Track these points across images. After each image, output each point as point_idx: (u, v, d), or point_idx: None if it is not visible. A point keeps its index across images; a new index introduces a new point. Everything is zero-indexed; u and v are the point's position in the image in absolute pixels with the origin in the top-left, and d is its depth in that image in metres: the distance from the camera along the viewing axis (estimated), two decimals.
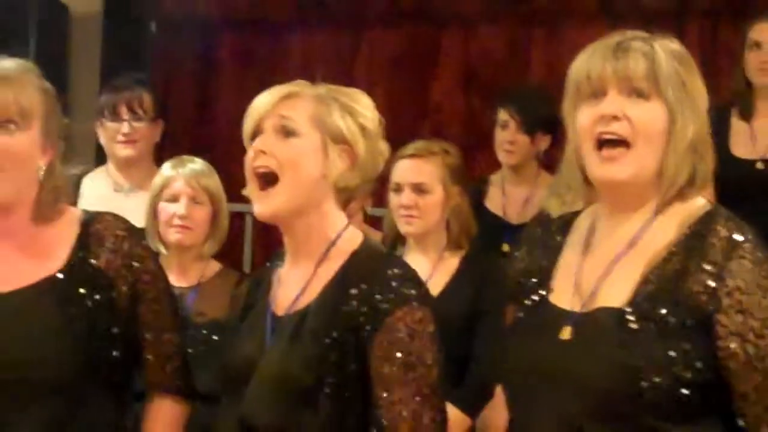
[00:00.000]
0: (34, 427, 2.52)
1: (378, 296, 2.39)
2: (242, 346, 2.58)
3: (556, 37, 6.31)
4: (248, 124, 2.52)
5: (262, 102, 2.51)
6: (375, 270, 2.45)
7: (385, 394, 2.37)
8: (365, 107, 2.57)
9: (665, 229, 2.22)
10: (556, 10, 6.27)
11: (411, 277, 2.46)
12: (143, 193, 4.14)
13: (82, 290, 2.57)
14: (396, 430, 2.36)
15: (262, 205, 2.48)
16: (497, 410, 3.92)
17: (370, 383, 2.39)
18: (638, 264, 2.20)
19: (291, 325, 2.47)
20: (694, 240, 2.17)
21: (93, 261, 2.61)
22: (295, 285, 2.55)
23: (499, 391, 3.85)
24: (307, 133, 2.48)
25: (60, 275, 2.58)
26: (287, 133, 2.48)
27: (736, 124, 4.58)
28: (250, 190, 2.51)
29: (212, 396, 2.77)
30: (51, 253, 2.62)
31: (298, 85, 2.56)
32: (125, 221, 2.71)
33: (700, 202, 2.24)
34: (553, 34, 6.36)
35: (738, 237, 2.14)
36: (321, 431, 2.40)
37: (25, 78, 2.60)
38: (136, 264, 2.64)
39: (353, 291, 2.42)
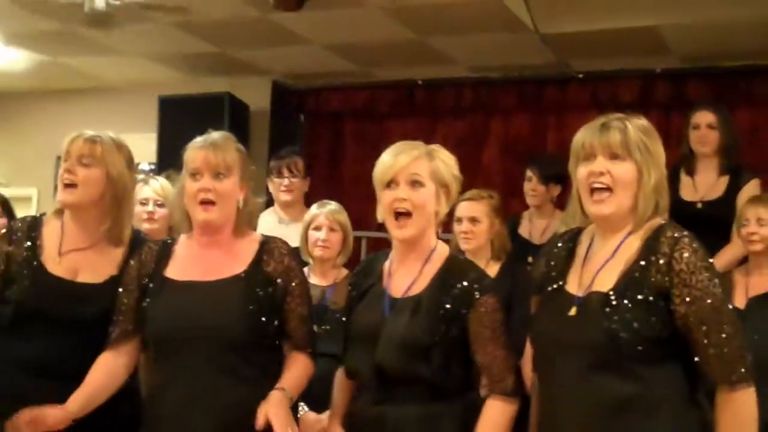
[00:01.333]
0: (217, 371, 2.52)
1: (469, 287, 2.44)
2: (366, 317, 2.56)
3: (563, 121, 6.25)
4: (386, 176, 2.51)
5: (399, 161, 2.50)
6: (464, 270, 2.50)
7: (482, 346, 2.42)
8: (452, 160, 2.59)
9: (636, 242, 2.22)
10: (563, 104, 6.24)
11: (485, 275, 2.54)
12: (297, 224, 4.14)
13: (255, 285, 2.61)
14: (492, 364, 2.42)
15: (401, 231, 2.51)
16: (525, 367, 3.95)
17: (468, 342, 2.43)
18: (619, 264, 2.22)
19: (410, 304, 2.47)
20: (652, 242, 2.19)
21: (264, 267, 2.64)
22: (405, 278, 2.54)
23: (527, 350, 3.87)
24: (428, 184, 2.50)
25: (243, 274, 2.62)
26: (417, 184, 2.49)
27: (684, 178, 4.53)
28: (389, 221, 2.52)
29: (336, 355, 2.78)
30: (240, 259, 2.65)
31: (415, 147, 2.54)
32: (286, 244, 2.75)
33: (657, 221, 2.24)
34: (561, 119, 6.30)
35: (678, 235, 2.16)
36: (432, 375, 2.41)
37: (227, 143, 2.67)
38: (290, 272, 2.66)
39: (452, 283, 2.45)
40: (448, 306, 2.44)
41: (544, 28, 5.42)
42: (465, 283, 2.45)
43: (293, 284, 2.66)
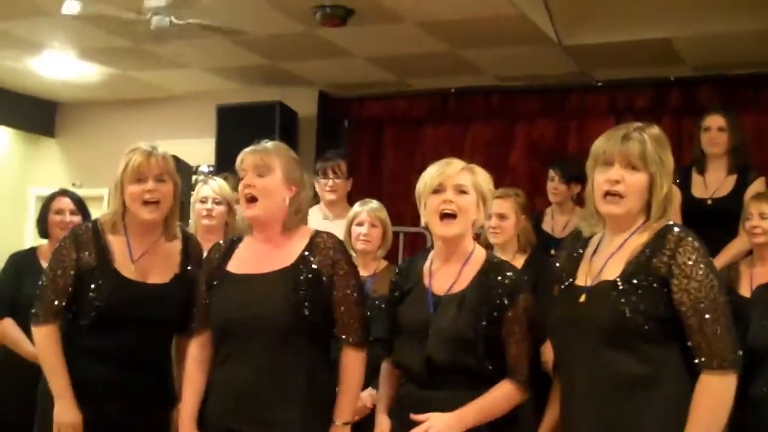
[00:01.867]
0: (264, 354, 2.55)
1: (509, 285, 2.48)
2: (412, 314, 2.57)
3: (583, 126, 6.25)
4: (435, 182, 2.53)
5: (448, 171, 2.53)
6: (503, 270, 2.53)
7: (513, 339, 2.46)
8: (488, 177, 2.61)
9: (641, 237, 2.24)
10: (583, 110, 6.23)
11: (521, 275, 2.57)
12: (341, 221, 4.13)
13: (302, 277, 2.60)
14: (518, 362, 2.45)
15: (446, 230, 2.53)
16: (548, 348, 3.96)
17: (504, 335, 2.46)
18: (625, 255, 2.24)
19: (455, 301, 2.49)
20: (658, 238, 2.21)
21: (311, 261, 2.63)
22: (447, 277, 2.56)
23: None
24: (471, 193, 2.53)
25: (289, 267, 2.61)
26: (462, 191, 2.52)
27: (695, 177, 4.50)
28: (434, 221, 2.53)
29: (380, 339, 2.73)
30: (290, 253, 2.65)
31: (460, 163, 2.56)
32: (333, 237, 2.73)
33: (663, 221, 2.25)
34: (581, 124, 6.29)
35: (683, 235, 2.19)
36: (477, 365, 2.44)
37: (270, 147, 2.69)
38: (336, 265, 2.63)
39: (493, 282, 2.49)
40: (490, 303, 2.46)
41: (567, 40, 5.42)
42: (506, 281, 2.48)
43: (339, 274, 2.62)
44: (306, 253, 2.64)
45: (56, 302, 2.79)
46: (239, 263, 2.70)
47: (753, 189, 4.28)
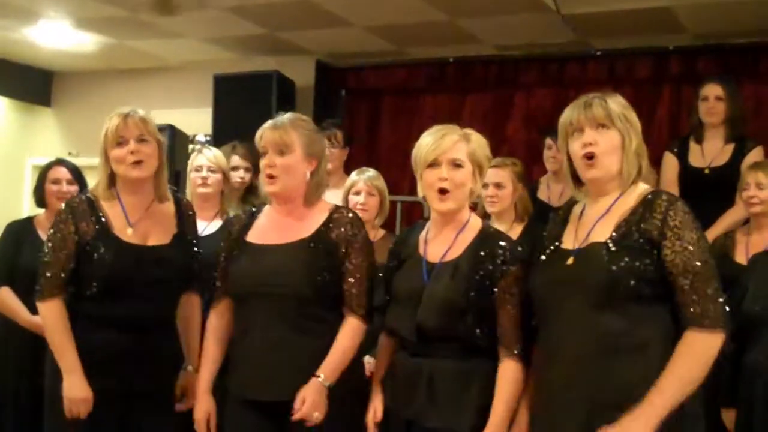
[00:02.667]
0: (281, 323, 2.61)
1: (503, 255, 2.48)
2: (406, 282, 2.60)
3: (581, 95, 6.23)
4: (430, 156, 2.52)
5: (443, 144, 2.52)
6: (498, 240, 2.54)
7: (504, 309, 2.46)
8: (484, 142, 2.61)
9: (627, 201, 2.30)
10: (582, 79, 6.19)
11: (516, 245, 2.56)
12: (337, 190, 4.16)
13: (320, 248, 2.65)
14: (510, 333, 2.45)
15: (443, 205, 2.54)
16: None
17: (496, 305, 2.47)
18: (612, 220, 2.29)
19: (449, 268, 2.51)
20: (648, 201, 2.26)
21: (329, 233, 2.68)
22: (441, 245, 2.58)
23: None
24: (467, 165, 2.53)
25: (309, 239, 2.67)
26: (457, 165, 2.51)
27: (693, 146, 4.52)
28: (431, 196, 2.55)
29: (379, 308, 2.76)
30: (309, 226, 2.71)
31: (455, 132, 2.56)
32: (351, 212, 2.80)
33: (644, 186, 2.33)
34: (580, 94, 6.17)
35: (674, 199, 2.25)
36: (468, 332, 2.45)
37: (289, 124, 2.71)
38: (351, 238, 2.68)
39: (487, 251, 2.50)
40: (482, 272, 2.47)
41: (566, 8, 5.38)
42: (499, 251, 2.49)
43: (354, 247, 2.68)
44: (325, 225, 2.71)
45: (59, 276, 2.81)
46: (259, 233, 2.75)
47: (750, 158, 4.30)
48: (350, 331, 2.67)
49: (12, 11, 6.09)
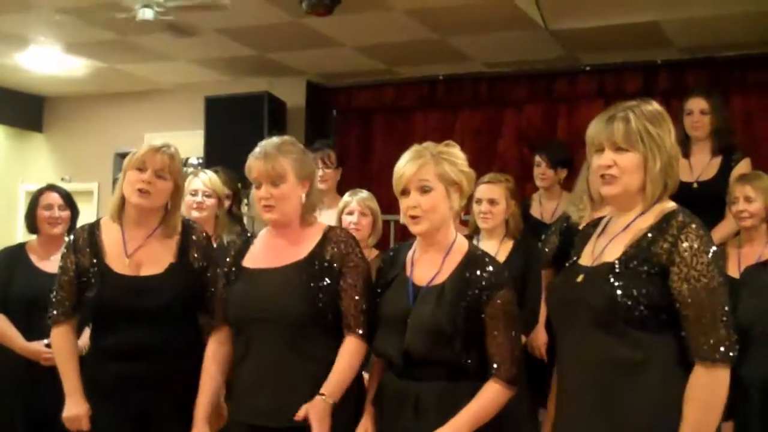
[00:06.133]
0: (280, 347, 2.58)
1: (488, 280, 2.45)
2: (392, 304, 2.56)
3: (572, 111, 6.26)
4: (398, 186, 2.51)
5: (407, 171, 2.49)
6: (484, 264, 2.49)
7: (493, 335, 2.43)
8: (461, 158, 2.55)
9: (647, 219, 2.20)
10: (572, 95, 6.24)
11: (502, 269, 2.53)
12: (331, 210, 4.18)
13: (316, 269, 2.63)
14: (498, 351, 2.43)
15: (416, 228, 2.51)
16: (540, 332, 3.98)
17: (484, 330, 2.44)
18: (627, 238, 2.21)
19: (434, 293, 2.47)
20: (662, 223, 2.16)
21: (324, 254, 2.65)
22: (428, 268, 2.54)
23: (541, 319, 3.90)
24: (436, 187, 2.48)
25: (303, 261, 2.65)
26: (425, 190, 2.48)
27: (680, 160, 4.54)
28: (406, 221, 2.53)
29: None
30: (304, 247, 2.68)
31: (422, 155, 2.51)
32: (345, 231, 2.78)
33: (671, 204, 2.22)
34: (570, 109, 6.30)
35: (688, 221, 2.13)
36: (453, 358, 2.42)
37: (278, 150, 2.67)
38: (345, 257, 2.65)
39: (473, 275, 2.46)
40: (468, 297, 2.44)
41: (554, 24, 5.42)
42: (485, 276, 2.45)
43: (349, 266, 2.65)
44: (319, 246, 2.68)
45: (67, 303, 2.89)
46: (254, 258, 2.74)
47: (738, 171, 4.31)
48: (349, 351, 2.64)
49: (2, 37, 6.12)
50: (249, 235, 2.88)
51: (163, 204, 2.92)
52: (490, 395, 2.42)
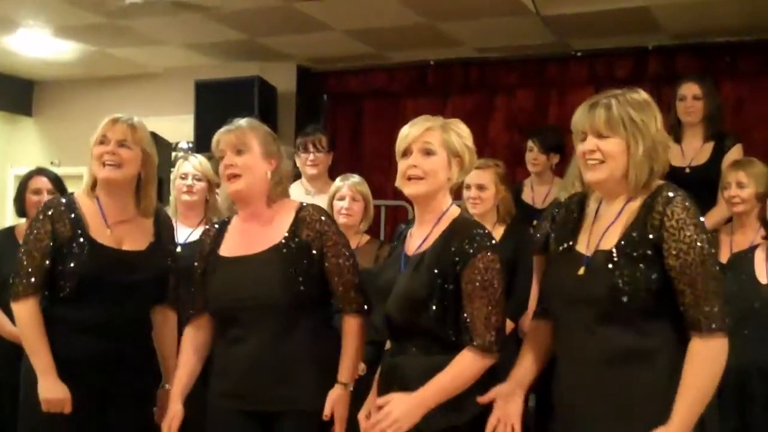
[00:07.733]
0: (264, 335, 2.59)
1: (467, 245, 2.38)
2: (386, 273, 2.57)
3: (563, 96, 6.24)
4: (401, 145, 2.48)
5: (412, 132, 2.47)
6: (466, 229, 2.43)
7: (470, 301, 2.36)
8: (467, 133, 2.54)
9: (637, 204, 2.20)
10: (563, 80, 6.22)
11: (488, 235, 2.44)
12: (322, 195, 4.17)
13: (293, 253, 2.61)
14: (474, 319, 2.35)
15: (413, 188, 2.47)
16: (527, 320, 3.96)
17: (460, 297, 2.38)
18: (621, 224, 2.20)
19: (416, 260, 2.44)
20: (650, 201, 2.16)
21: (300, 235, 2.64)
22: (419, 237, 2.51)
23: (531, 305, 3.87)
24: (440, 153, 2.45)
25: (280, 244, 2.63)
26: (428, 153, 2.45)
27: (672, 146, 4.53)
28: (402, 183, 2.49)
29: None
30: (278, 230, 2.66)
31: (431, 120, 2.49)
32: (320, 209, 2.75)
33: (656, 183, 2.21)
34: (561, 94, 6.28)
35: (672, 194, 2.14)
36: (429, 324, 2.39)
37: (243, 124, 2.71)
38: (324, 236, 2.65)
39: (453, 241, 2.40)
40: (444, 262, 2.39)
41: (545, 10, 5.39)
42: (465, 241, 2.39)
43: (328, 245, 2.65)
44: (293, 227, 2.66)
45: (34, 277, 2.77)
46: (230, 246, 2.72)
47: (730, 156, 4.32)
48: (352, 332, 2.68)
49: None
50: (223, 221, 2.83)
51: (133, 174, 2.87)
52: (462, 364, 2.35)
